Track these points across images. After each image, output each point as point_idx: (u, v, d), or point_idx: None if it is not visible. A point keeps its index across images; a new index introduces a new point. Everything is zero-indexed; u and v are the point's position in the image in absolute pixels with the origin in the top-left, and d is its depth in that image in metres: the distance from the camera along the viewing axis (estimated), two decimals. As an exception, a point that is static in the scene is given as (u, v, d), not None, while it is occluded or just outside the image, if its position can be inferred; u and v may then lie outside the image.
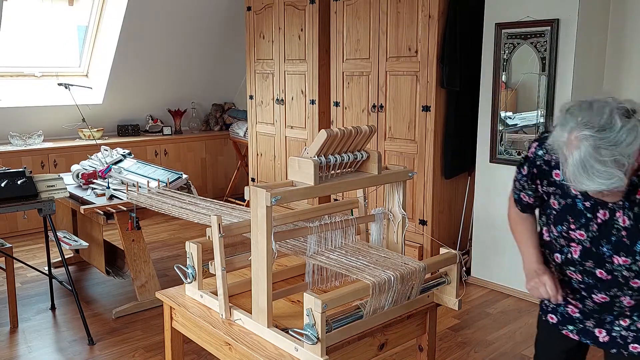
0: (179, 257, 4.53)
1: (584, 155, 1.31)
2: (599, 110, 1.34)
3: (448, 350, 3.05)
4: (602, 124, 1.32)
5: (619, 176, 1.30)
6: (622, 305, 1.62)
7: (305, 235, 1.86)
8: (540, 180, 1.66)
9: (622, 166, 1.30)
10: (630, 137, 1.31)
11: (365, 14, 4.23)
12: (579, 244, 1.59)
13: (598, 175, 1.31)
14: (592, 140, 1.31)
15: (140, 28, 5.45)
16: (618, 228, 1.50)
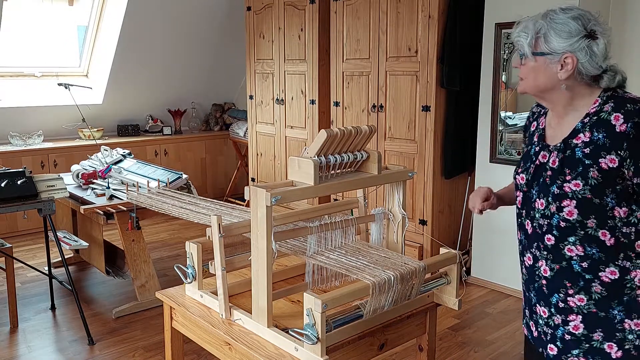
0: (179, 257, 4.53)
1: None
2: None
3: (448, 350, 3.05)
4: (566, 12, 1.51)
5: (525, 33, 1.54)
6: (540, 274, 1.55)
7: (305, 235, 1.86)
8: (524, 134, 1.78)
9: (534, 31, 1.53)
10: (548, 23, 1.51)
11: (365, 14, 4.23)
12: (520, 191, 1.62)
13: (518, 25, 1.58)
14: (548, 12, 1.56)
15: (140, 28, 5.45)
16: (547, 169, 1.51)
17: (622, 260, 1.44)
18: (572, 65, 1.46)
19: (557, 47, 1.47)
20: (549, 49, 1.49)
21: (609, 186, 1.41)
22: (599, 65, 1.47)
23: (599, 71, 1.48)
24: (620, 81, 1.52)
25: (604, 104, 1.47)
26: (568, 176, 1.45)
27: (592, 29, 1.46)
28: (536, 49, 1.52)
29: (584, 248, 1.46)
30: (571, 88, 1.50)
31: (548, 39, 1.49)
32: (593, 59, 1.46)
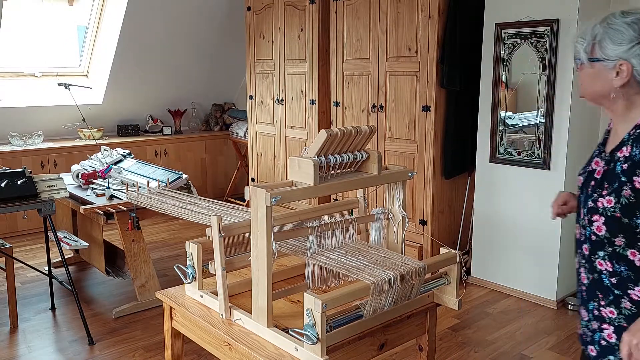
0: (179, 257, 4.53)
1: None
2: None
3: (448, 350, 3.05)
4: (623, 17, 1.47)
5: (582, 40, 1.50)
6: (581, 280, 1.54)
7: (305, 235, 1.86)
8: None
9: (591, 39, 1.49)
10: (604, 30, 1.48)
11: (365, 14, 4.23)
12: (577, 198, 1.58)
13: (581, 29, 1.55)
14: (607, 17, 1.52)
15: (140, 28, 5.45)
16: (594, 178, 1.48)
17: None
18: (627, 72, 1.41)
19: (611, 53, 1.43)
20: (604, 55, 1.44)
21: (630, 215, 1.36)
22: None
23: None
24: None
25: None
26: (605, 191, 1.41)
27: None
28: (592, 55, 1.47)
29: (612, 264, 1.42)
30: (627, 96, 1.44)
31: (603, 45, 1.45)
32: None
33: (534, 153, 3.57)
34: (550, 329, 3.30)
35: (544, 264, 3.62)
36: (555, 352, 3.03)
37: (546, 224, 3.57)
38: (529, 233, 3.67)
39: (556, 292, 3.59)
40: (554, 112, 3.45)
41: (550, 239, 3.57)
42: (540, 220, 3.59)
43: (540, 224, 3.60)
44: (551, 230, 3.55)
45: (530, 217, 3.64)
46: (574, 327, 3.32)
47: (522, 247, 3.72)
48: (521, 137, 3.65)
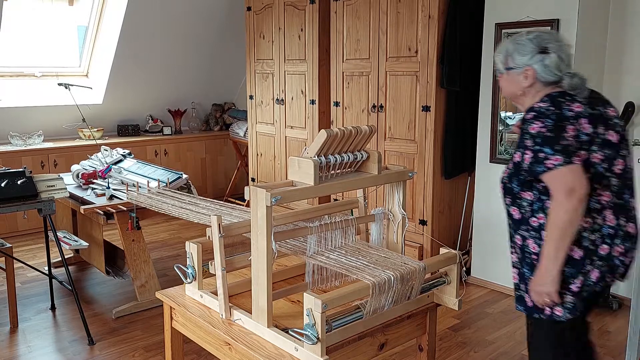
0: (179, 257, 4.53)
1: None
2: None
3: (448, 350, 3.05)
4: (527, 35, 1.92)
5: (499, 55, 1.96)
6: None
7: (305, 235, 1.86)
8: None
9: (505, 54, 1.94)
10: (513, 46, 1.92)
11: (365, 14, 4.23)
12: None
13: (498, 49, 2.00)
14: (515, 36, 1.96)
15: (140, 28, 5.45)
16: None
17: (523, 231, 1.91)
18: (532, 75, 1.88)
19: (519, 62, 1.90)
20: (515, 64, 1.91)
21: (515, 176, 1.89)
22: (553, 73, 1.85)
23: (555, 77, 1.86)
24: (571, 88, 1.85)
25: (535, 103, 1.86)
26: (506, 168, 1.96)
27: (545, 46, 1.86)
28: (507, 65, 1.94)
29: (508, 217, 2.02)
30: (533, 93, 1.91)
31: (513, 57, 1.91)
32: (547, 69, 1.85)
33: (534, 153, 3.57)
34: (550, 329, 3.30)
35: (544, 264, 3.61)
36: (555, 352, 3.03)
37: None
38: (529, 233, 3.67)
39: (556, 292, 3.59)
40: (554, 112, 3.45)
41: (550, 239, 3.56)
42: (540, 220, 3.59)
43: (540, 224, 3.60)
44: (551, 230, 3.55)
45: (530, 217, 3.64)
46: (574, 327, 3.32)
47: (522, 247, 3.72)
48: (521, 137, 3.65)
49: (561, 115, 1.77)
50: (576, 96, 1.83)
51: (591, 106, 1.83)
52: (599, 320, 3.42)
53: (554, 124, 1.75)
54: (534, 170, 1.78)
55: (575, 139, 1.76)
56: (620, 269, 1.87)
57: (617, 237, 1.83)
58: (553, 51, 1.86)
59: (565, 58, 1.87)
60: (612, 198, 1.84)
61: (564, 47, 1.89)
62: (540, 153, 1.74)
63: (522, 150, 1.80)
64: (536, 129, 1.77)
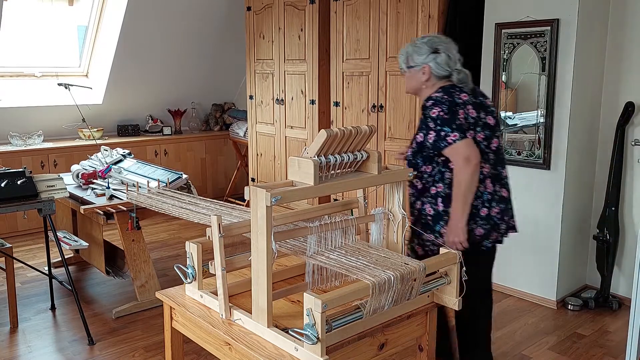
0: (179, 257, 4.53)
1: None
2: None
3: (448, 350, 3.05)
4: (421, 39, 2.37)
5: (401, 56, 2.40)
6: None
7: (305, 235, 1.86)
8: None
9: (406, 55, 2.38)
10: (412, 48, 2.36)
11: (365, 14, 4.23)
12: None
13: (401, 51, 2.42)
14: (414, 40, 2.40)
15: (140, 28, 5.45)
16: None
17: (424, 198, 2.31)
18: (428, 71, 2.33)
19: (418, 61, 2.34)
20: (414, 63, 2.35)
21: (419, 153, 2.31)
22: (444, 69, 2.32)
23: (446, 72, 2.33)
24: (458, 81, 2.34)
25: (432, 93, 2.30)
26: (409, 148, 2.38)
27: (436, 47, 2.32)
28: (408, 64, 2.37)
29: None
30: (430, 86, 2.35)
31: (413, 57, 2.35)
32: (439, 65, 2.31)
33: (534, 153, 3.57)
34: (550, 329, 3.30)
35: (544, 264, 3.62)
36: (555, 352, 3.03)
37: (546, 223, 3.57)
38: (528, 233, 3.67)
39: (556, 292, 3.59)
40: (554, 112, 3.45)
41: (550, 239, 3.57)
42: (540, 220, 3.59)
43: (540, 224, 3.60)
44: (551, 230, 3.55)
45: (530, 217, 3.64)
46: (574, 327, 3.32)
47: (522, 247, 3.72)
48: (521, 137, 3.65)
49: (453, 102, 2.24)
50: (463, 88, 2.34)
51: (474, 96, 2.36)
52: (599, 320, 3.42)
53: (448, 109, 2.22)
54: (438, 146, 2.22)
55: (465, 120, 2.23)
56: (500, 226, 2.36)
57: (494, 201, 2.32)
58: (443, 51, 2.32)
59: (452, 56, 2.34)
60: (490, 170, 2.31)
61: (452, 48, 2.35)
62: (442, 132, 2.19)
63: (425, 131, 2.25)
64: (436, 113, 2.22)
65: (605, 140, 3.67)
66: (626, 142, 3.53)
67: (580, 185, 3.64)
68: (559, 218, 3.51)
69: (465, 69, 2.36)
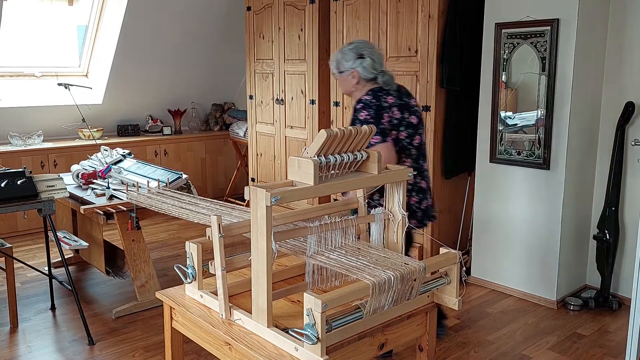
0: (179, 257, 4.53)
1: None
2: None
3: (448, 350, 3.06)
4: (348, 46, 2.65)
5: (332, 63, 2.67)
6: None
7: (305, 235, 1.86)
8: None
9: (336, 62, 2.66)
10: (340, 55, 2.64)
11: (365, 14, 4.23)
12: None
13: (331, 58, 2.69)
14: (342, 48, 2.68)
15: (140, 28, 5.45)
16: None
17: None
18: (357, 77, 2.61)
19: (347, 66, 2.61)
20: (344, 69, 2.63)
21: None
22: (370, 72, 2.58)
23: (373, 75, 2.59)
24: (383, 83, 2.60)
25: (362, 96, 2.58)
26: None
27: (361, 53, 2.58)
28: (339, 70, 2.65)
29: None
30: (360, 88, 2.63)
31: (342, 63, 2.63)
32: (365, 69, 2.57)
33: (534, 153, 3.57)
34: (550, 329, 3.30)
35: (544, 264, 3.62)
36: (555, 352, 3.03)
37: (546, 224, 3.57)
38: (529, 233, 3.67)
39: (556, 292, 3.59)
40: (554, 112, 3.45)
41: (550, 239, 3.57)
42: (540, 221, 3.59)
43: (540, 224, 3.60)
44: (551, 230, 3.55)
45: (530, 217, 3.64)
46: (574, 327, 3.32)
47: (522, 247, 3.72)
48: (521, 137, 3.65)
49: (380, 106, 2.52)
50: (390, 90, 2.60)
51: (400, 98, 2.62)
52: (599, 320, 3.42)
53: (375, 113, 2.52)
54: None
55: (389, 123, 2.53)
56: (417, 213, 2.68)
57: (414, 191, 2.66)
58: (367, 56, 2.58)
59: (377, 60, 2.59)
60: (412, 164, 2.63)
61: (375, 52, 2.61)
62: None
63: None
64: (363, 116, 2.52)
65: (605, 140, 3.67)
66: (626, 142, 3.53)
67: (580, 185, 3.64)
68: (559, 218, 3.51)
69: (389, 71, 2.66)
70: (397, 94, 2.60)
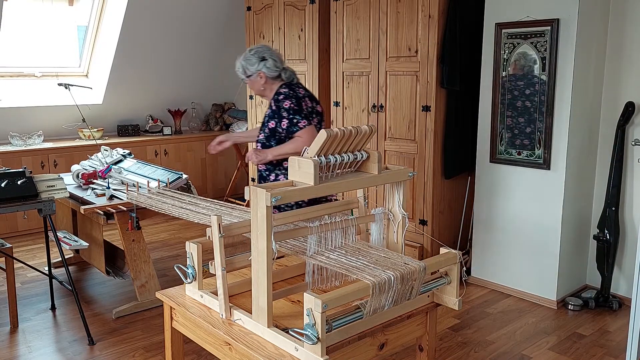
0: (179, 257, 4.53)
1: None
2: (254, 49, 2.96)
3: (448, 350, 3.06)
4: (249, 52, 2.95)
5: (239, 70, 2.96)
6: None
7: (305, 235, 1.86)
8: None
9: (242, 68, 2.95)
10: (244, 62, 2.93)
11: (365, 14, 4.23)
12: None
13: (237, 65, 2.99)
14: (245, 54, 2.97)
15: (140, 28, 5.45)
16: (264, 124, 2.96)
17: (277, 171, 2.95)
18: (264, 77, 2.91)
19: (252, 70, 2.91)
20: (250, 72, 2.93)
21: (272, 137, 2.90)
22: (274, 70, 2.90)
23: (277, 73, 2.92)
24: (289, 77, 2.95)
25: (278, 89, 2.93)
26: (261, 133, 2.97)
27: (263, 56, 2.90)
28: (246, 74, 2.95)
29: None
30: (270, 87, 2.95)
31: (248, 68, 2.93)
32: (269, 69, 2.89)
33: (534, 153, 3.57)
34: (550, 329, 3.30)
35: (544, 263, 3.62)
36: (555, 352, 3.03)
37: (546, 224, 3.57)
38: (528, 233, 3.67)
39: (556, 292, 3.59)
40: (554, 112, 3.45)
41: (550, 238, 3.57)
42: (540, 220, 3.59)
43: (540, 224, 3.60)
44: (551, 230, 3.55)
45: (530, 217, 3.64)
46: (574, 327, 3.32)
47: (522, 247, 3.72)
48: (521, 137, 3.65)
49: (298, 96, 2.87)
50: (298, 84, 2.96)
51: (307, 90, 2.98)
52: (599, 320, 3.42)
53: (297, 101, 2.85)
54: (291, 130, 2.84)
55: (307, 110, 2.86)
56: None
57: None
58: (268, 57, 2.89)
59: (277, 60, 2.92)
60: None
61: (274, 54, 2.93)
62: (294, 119, 2.82)
63: (278, 120, 2.85)
64: (288, 105, 2.83)
65: (605, 140, 3.67)
66: (626, 142, 3.53)
67: (580, 185, 3.64)
68: (559, 218, 3.51)
69: (289, 67, 2.99)
70: (303, 87, 2.98)
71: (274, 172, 2.95)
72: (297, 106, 2.84)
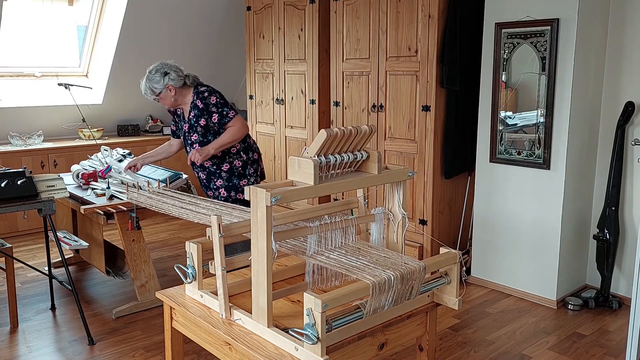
0: (179, 257, 4.53)
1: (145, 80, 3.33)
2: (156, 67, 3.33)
3: (448, 350, 3.06)
4: (150, 72, 3.32)
5: (147, 92, 3.31)
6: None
7: (305, 235, 1.86)
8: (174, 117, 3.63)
9: (149, 90, 3.30)
10: (148, 83, 3.29)
11: (365, 14, 4.23)
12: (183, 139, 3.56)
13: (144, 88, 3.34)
14: (147, 75, 3.32)
15: (140, 28, 5.45)
16: (186, 131, 3.41)
17: (227, 158, 3.42)
18: (173, 89, 3.29)
19: (160, 86, 3.27)
20: (159, 90, 3.28)
21: (208, 132, 3.31)
22: (179, 79, 3.30)
23: (182, 81, 3.31)
24: (194, 81, 3.37)
25: (194, 95, 3.32)
26: (194, 134, 3.34)
27: (165, 70, 3.26)
28: (156, 93, 3.30)
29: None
30: (183, 96, 3.36)
31: (154, 86, 3.28)
32: (174, 80, 3.27)
33: (534, 153, 3.57)
34: (550, 329, 3.30)
35: (544, 263, 3.62)
36: (555, 352, 3.03)
37: (546, 223, 3.57)
38: (528, 233, 3.67)
39: (556, 292, 3.59)
40: (554, 112, 3.45)
41: (550, 238, 3.57)
42: (540, 220, 3.59)
43: (540, 224, 3.60)
44: (551, 230, 3.55)
45: (530, 217, 3.64)
46: (574, 327, 3.32)
47: (522, 246, 3.72)
48: (521, 136, 3.65)
49: (218, 92, 3.31)
50: (207, 85, 3.38)
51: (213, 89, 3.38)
52: (599, 320, 3.42)
53: (220, 96, 3.30)
54: (223, 122, 3.27)
55: (230, 102, 3.28)
56: (252, 179, 3.49)
57: (255, 163, 3.53)
58: (170, 70, 3.26)
59: (177, 69, 3.29)
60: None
61: (173, 65, 3.30)
62: (224, 111, 3.26)
63: (207, 116, 3.26)
64: (214, 100, 3.26)
65: (605, 140, 3.67)
66: (626, 142, 3.53)
67: (580, 185, 3.64)
68: (559, 218, 3.51)
69: (191, 73, 3.38)
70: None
71: (225, 162, 3.36)
72: (222, 99, 3.29)
